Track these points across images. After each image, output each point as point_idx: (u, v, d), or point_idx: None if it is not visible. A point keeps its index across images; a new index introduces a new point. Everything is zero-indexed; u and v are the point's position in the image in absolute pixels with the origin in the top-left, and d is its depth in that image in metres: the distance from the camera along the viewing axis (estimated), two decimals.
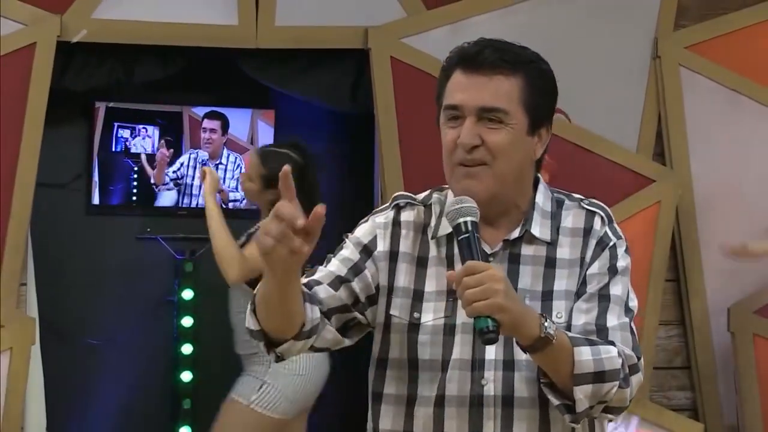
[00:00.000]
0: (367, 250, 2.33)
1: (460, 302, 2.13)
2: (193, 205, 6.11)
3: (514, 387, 2.22)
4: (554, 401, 2.17)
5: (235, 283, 4.81)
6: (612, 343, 2.19)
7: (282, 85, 5.93)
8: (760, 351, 5.68)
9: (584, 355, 2.13)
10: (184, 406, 6.11)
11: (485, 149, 2.21)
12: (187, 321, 6.12)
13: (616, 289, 2.27)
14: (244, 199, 5.99)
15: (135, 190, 6.17)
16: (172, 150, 6.20)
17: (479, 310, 2.02)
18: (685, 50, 5.83)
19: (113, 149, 6.20)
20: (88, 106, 6.17)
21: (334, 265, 2.31)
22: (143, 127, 6.26)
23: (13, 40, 5.28)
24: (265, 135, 6.39)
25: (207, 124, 6.31)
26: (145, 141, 6.23)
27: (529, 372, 2.21)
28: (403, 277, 2.30)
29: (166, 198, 6.23)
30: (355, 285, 2.29)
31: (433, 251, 2.31)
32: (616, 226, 2.35)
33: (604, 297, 2.27)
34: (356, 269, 2.30)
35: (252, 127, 6.42)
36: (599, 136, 5.68)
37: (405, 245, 2.32)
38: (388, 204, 2.40)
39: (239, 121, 6.42)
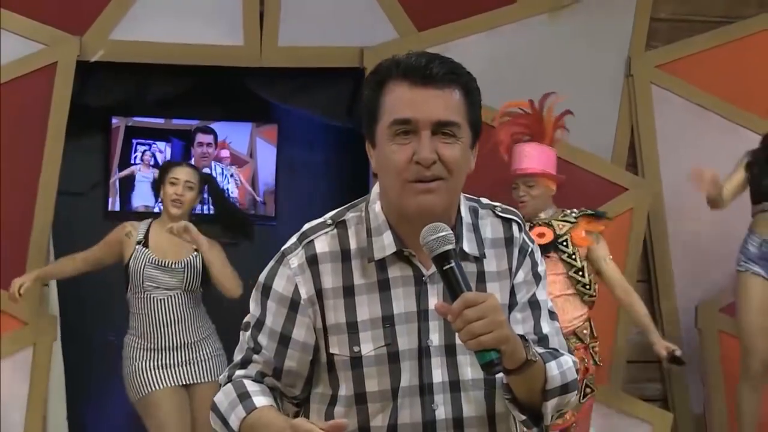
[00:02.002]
0: (294, 305, 2.08)
1: (399, 328, 2.04)
2: (198, 211, 6.11)
3: (463, 408, 2.08)
4: (520, 416, 2.06)
5: (236, 296, 4.81)
6: (557, 350, 2.11)
7: (284, 100, 5.94)
8: (725, 346, 5.70)
9: (553, 370, 2.04)
10: None
11: (441, 164, 2.00)
12: None
13: (542, 295, 2.15)
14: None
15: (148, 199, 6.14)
16: None
17: (486, 344, 1.87)
18: (656, 69, 5.87)
19: (131, 162, 6.23)
20: (106, 120, 6.17)
21: (267, 354, 2.10)
22: (154, 143, 6.27)
23: (36, 59, 5.34)
24: (264, 148, 6.38)
25: (203, 138, 6.30)
26: (158, 155, 6.26)
27: (474, 390, 2.08)
28: (333, 314, 2.07)
29: None
30: (292, 359, 2.09)
31: (358, 278, 2.07)
32: (526, 229, 2.20)
33: (534, 304, 2.14)
34: (280, 354, 2.09)
35: (251, 141, 6.41)
36: (577, 147, 5.65)
37: (326, 280, 2.07)
38: (297, 240, 2.11)
39: (240, 135, 6.40)
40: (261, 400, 2.04)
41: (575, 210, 4.86)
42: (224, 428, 2.07)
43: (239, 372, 2.11)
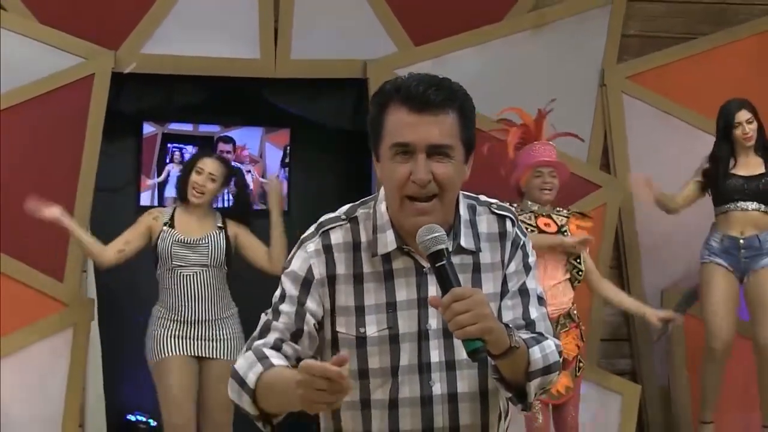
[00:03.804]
0: (306, 282, 2.10)
1: (400, 313, 2.06)
2: (220, 205, 6.16)
3: (457, 384, 2.09)
4: (506, 393, 2.07)
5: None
6: (542, 335, 2.11)
7: (296, 107, 5.93)
8: (687, 326, 5.65)
9: (536, 354, 2.04)
10: None
11: (435, 183, 2.01)
12: None
13: (531, 283, 2.15)
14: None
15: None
16: None
17: (471, 334, 1.88)
18: (627, 80, 5.89)
19: (166, 162, 6.25)
20: (137, 125, 6.17)
21: (285, 320, 2.10)
22: (185, 147, 6.28)
23: (75, 71, 5.35)
24: (271, 150, 6.42)
25: (223, 147, 6.33)
26: (186, 156, 6.21)
27: (468, 369, 2.08)
28: (344, 297, 2.09)
29: None
30: (309, 324, 2.10)
31: (367, 267, 2.09)
32: (519, 224, 2.20)
33: (524, 292, 2.14)
34: (300, 317, 2.09)
35: (262, 143, 6.43)
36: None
37: (339, 267, 2.09)
38: (314, 230, 2.14)
39: (252, 138, 6.43)
40: (278, 362, 2.04)
41: (563, 209, 4.87)
42: (241, 391, 2.04)
43: (258, 342, 2.10)
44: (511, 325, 2.05)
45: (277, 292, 2.14)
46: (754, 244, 5.20)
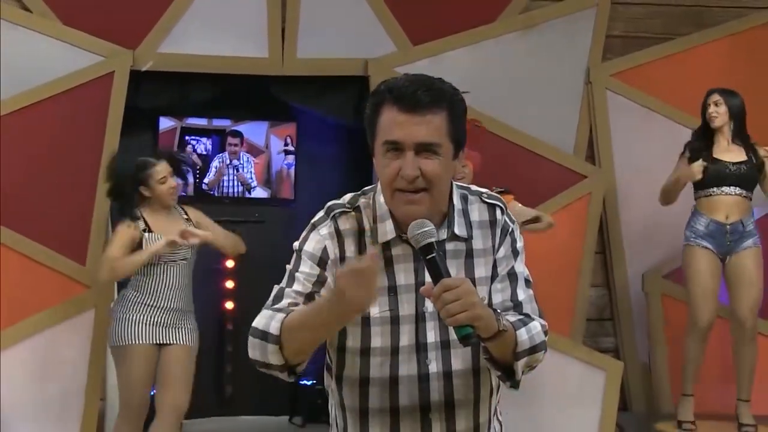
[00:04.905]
0: (322, 262, 2.10)
1: (400, 297, 2.08)
2: (233, 194, 6.21)
3: (452, 363, 2.10)
4: (496, 372, 2.09)
5: (243, 250, 4.85)
6: (528, 316, 2.11)
7: (302, 103, 5.96)
8: (667, 307, 5.73)
9: (522, 336, 2.05)
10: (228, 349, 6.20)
11: (423, 178, 2.02)
12: (229, 284, 6.16)
13: (519, 267, 2.16)
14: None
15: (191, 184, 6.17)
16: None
17: (461, 321, 1.89)
18: (611, 77, 5.91)
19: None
20: (154, 120, 6.15)
21: (302, 284, 2.10)
22: (200, 139, 6.30)
23: (96, 69, 5.35)
24: (275, 142, 6.43)
25: (232, 140, 6.34)
26: (201, 147, 6.29)
27: (462, 349, 2.08)
28: None
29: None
30: (325, 290, 2.10)
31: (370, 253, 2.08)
32: (508, 212, 2.21)
33: (512, 276, 2.15)
34: (319, 281, 2.10)
35: (267, 136, 6.43)
36: (545, 142, 5.72)
37: (349, 251, 2.10)
38: (324, 214, 2.14)
39: (259, 131, 6.44)
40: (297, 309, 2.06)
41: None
42: (264, 344, 2.02)
43: (272, 308, 2.08)
44: (500, 307, 2.08)
45: (291, 266, 2.14)
46: (738, 229, 5.20)
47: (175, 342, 4.69)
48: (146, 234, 4.67)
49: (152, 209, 4.75)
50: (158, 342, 4.66)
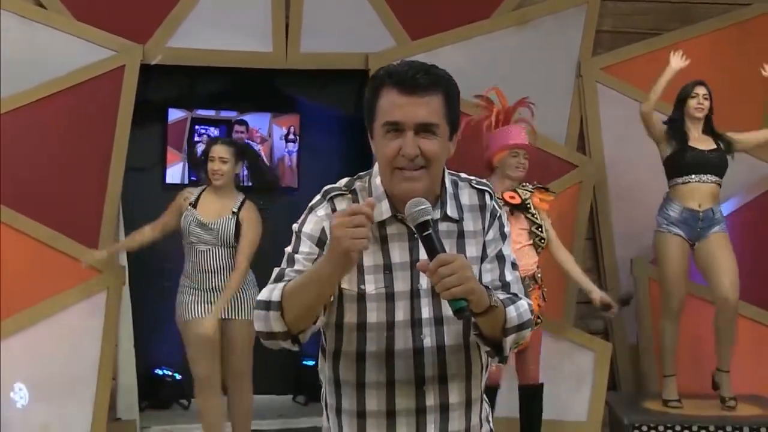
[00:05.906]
0: (320, 242, 2.09)
1: (395, 274, 2.07)
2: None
3: (445, 338, 2.10)
4: (485, 348, 2.10)
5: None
6: (516, 295, 2.13)
7: (305, 95, 5.98)
8: (653, 290, 5.72)
9: (511, 313, 2.05)
10: None
11: (422, 157, 2.02)
12: None
13: (507, 250, 2.18)
14: None
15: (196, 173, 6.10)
16: None
17: (456, 294, 1.89)
18: (601, 71, 5.92)
19: (194, 141, 6.27)
20: (163, 111, 6.18)
21: (301, 264, 2.08)
22: (209, 128, 6.33)
23: (107, 63, 5.37)
24: (277, 131, 6.47)
25: (238, 129, 6.39)
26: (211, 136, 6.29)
27: (455, 325, 2.09)
28: None
29: None
30: None
31: None
32: (496, 198, 2.22)
33: (500, 258, 2.15)
34: (318, 257, 2.07)
35: (270, 126, 6.47)
36: (538, 133, 5.51)
37: None
38: (321, 197, 2.14)
39: (262, 121, 6.49)
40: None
41: (528, 183, 4.89)
42: (267, 313, 2.02)
43: (274, 285, 2.08)
44: (489, 287, 2.07)
45: (290, 248, 2.14)
46: (709, 216, 5.21)
47: (231, 316, 4.84)
48: (189, 207, 4.87)
49: (213, 190, 4.93)
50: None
